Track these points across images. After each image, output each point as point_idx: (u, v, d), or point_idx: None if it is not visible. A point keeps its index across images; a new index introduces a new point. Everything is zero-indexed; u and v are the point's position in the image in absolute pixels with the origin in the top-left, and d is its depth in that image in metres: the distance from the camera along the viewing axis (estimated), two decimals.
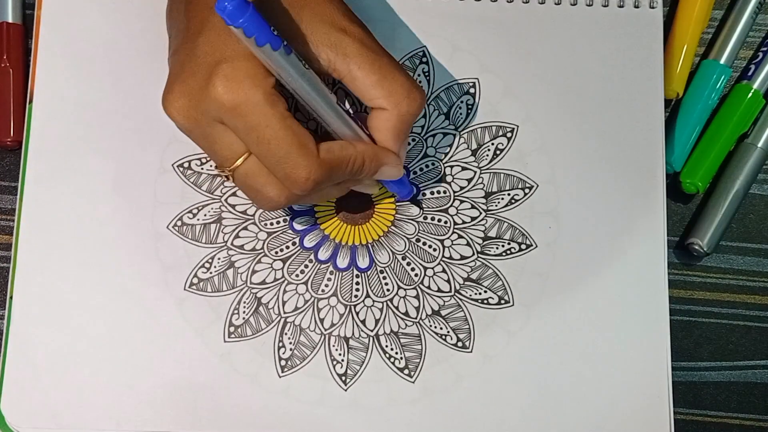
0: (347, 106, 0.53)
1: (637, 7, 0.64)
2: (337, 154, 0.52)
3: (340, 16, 0.52)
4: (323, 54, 0.52)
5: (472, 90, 0.62)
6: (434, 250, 0.61)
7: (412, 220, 0.61)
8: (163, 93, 0.52)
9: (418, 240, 0.61)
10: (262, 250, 0.60)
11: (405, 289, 0.60)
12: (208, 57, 0.50)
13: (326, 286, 0.60)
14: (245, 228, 0.61)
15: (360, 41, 0.52)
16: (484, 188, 0.61)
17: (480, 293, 0.60)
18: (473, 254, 0.61)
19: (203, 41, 0.51)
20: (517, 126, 0.62)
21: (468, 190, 0.61)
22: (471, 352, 0.59)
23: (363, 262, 0.60)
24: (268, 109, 0.49)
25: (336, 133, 0.53)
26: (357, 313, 0.60)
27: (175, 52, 0.53)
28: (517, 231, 0.61)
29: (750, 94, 0.64)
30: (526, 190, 0.61)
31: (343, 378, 0.59)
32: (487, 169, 0.62)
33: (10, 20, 0.64)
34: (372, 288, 0.60)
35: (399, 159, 0.55)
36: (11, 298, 0.60)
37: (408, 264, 0.60)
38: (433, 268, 0.60)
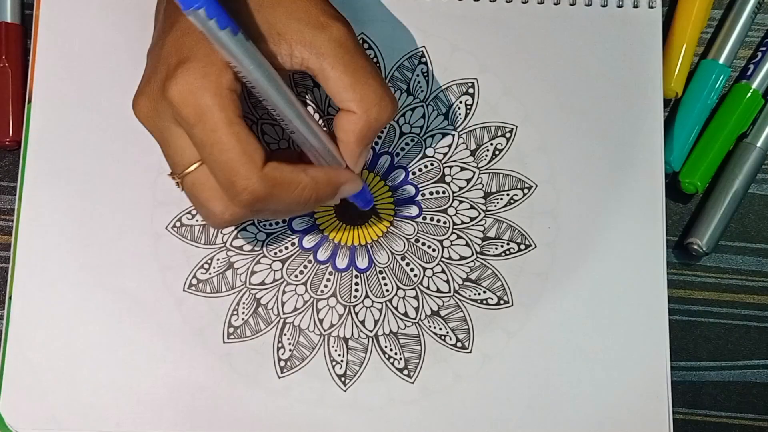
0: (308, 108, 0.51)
1: (636, 6, 0.64)
2: (285, 174, 0.50)
3: (318, 13, 0.51)
4: (296, 52, 0.50)
5: (471, 90, 0.62)
6: (433, 250, 0.61)
7: (411, 220, 0.61)
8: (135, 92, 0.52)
9: (417, 240, 0.61)
10: (261, 251, 0.60)
11: (404, 290, 0.60)
12: (170, 58, 0.50)
13: (325, 286, 0.60)
14: (244, 229, 0.61)
15: (336, 40, 0.51)
16: (483, 188, 0.61)
17: (479, 293, 0.60)
18: (472, 254, 0.61)
19: (169, 42, 0.50)
20: (516, 126, 0.62)
21: (467, 191, 0.61)
22: (470, 352, 0.59)
23: (362, 262, 0.60)
24: (216, 112, 0.48)
25: (291, 130, 0.51)
26: (356, 314, 0.60)
27: (148, 52, 0.53)
28: (517, 231, 0.61)
29: (749, 94, 0.64)
30: (525, 191, 0.61)
31: (343, 378, 0.59)
32: (486, 169, 0.62)
33: (8, 20, 0.64)
34: (371, 288, 0.60)
35: (355, 175, 0.53)
36: (10, 298, 0.60)
37: (407, 264, 0.60)
38: (432, 269, 0.60)
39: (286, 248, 0.61)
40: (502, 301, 0.60)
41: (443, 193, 0.61)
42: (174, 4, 0.52)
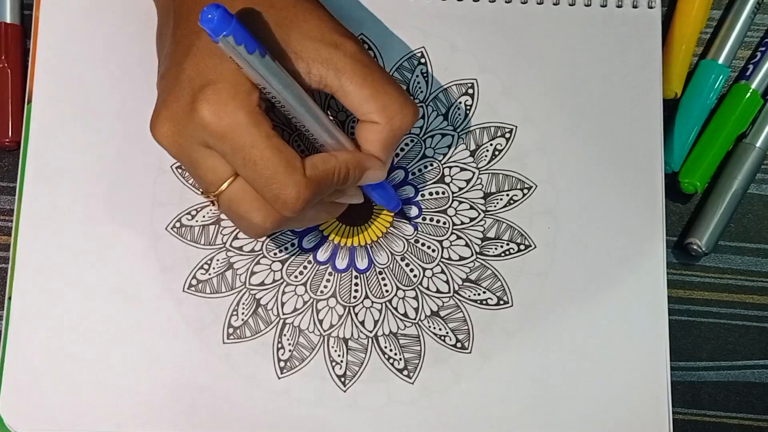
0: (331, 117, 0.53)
1: (635, 7, 0.64)
2: (321, 168, 0.51)
3: (330, 32, 0.52)
4: (314, 70, 0.51)
5: (470, 90, 0.62)
6: (433, 251, 0.61)
7: (410, 221, 0.61)
8: (150, 119, 0.52)
9: (416, 241, 0.61)
10: (260, 252, 0.60)
11: (404, 290, 0.60)
12: (193, 81, 0.50)
13: (325, 287, 0.60)
14: None
15: (351, 56, 0.52)
16: (483, 189, 0.61)
17: (479, 294, 0.60)
18: (472, 255, 0.61)
19: (188, 65, 0.51)
20: (516, 126, 0.62)
21: (467, 191, 0.61)
22: (470, 352, 0.59)
23: (362, 263, 0.60)
24: (253, 129, 0.49)
25: (321, 143, 0.53)
26: (356, 314, 0.60)
27: (162, 77, 0.53)
28: (516, 231, 0.61)
29: (748, 94, 0.64)
30: (525, 191, 0.61)
31: (342, 379, 0.59)
32: (486, 169, 0.62)
33: (8, 20, 0.64)
34: (371, 289, 0.60)
35: (379, 162, 0.54)
36: (10, 298, 0.60)
37: (407, 265, 0.60)
38: (432, 269, 0.61)
39: (286, 249, 0.61)
40: (501, 302, 0.60)
41: (443, 193, 0.61)
42: (186, 29, 0.52)
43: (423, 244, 0.61)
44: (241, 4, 0.51)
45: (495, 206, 0.61)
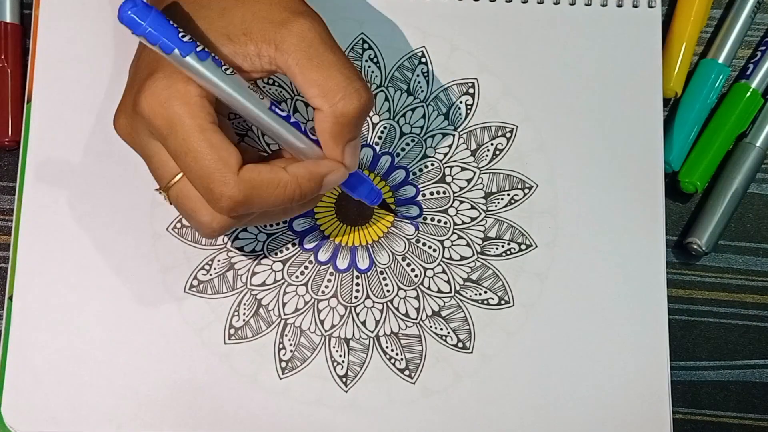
0: (286, 111, 0.51)
1: (635, 6, 0.64)
2: (263, 175, 0.49)
3: (280, 10, 0.49)
4: (264, 51, 0.49)
5: (471, 90, 0.62)
6: (434, 250, 0.61)
7: (411, 221, 0.61)
8: None
9: (417, 241, 0.61)
10: (261, 252, 0.60)
11: (405, 290, 0.60)
12: (140, 73, 0.50)
13: (326, 287, 0.60)
14: (245, 230, 0.60)
15: (298, 34, 0.49)
16: (484, 188, 0.61)
17: (480, 294, 0.60)
18: (473, 255, 0.61)
19: (142, 57, 0.51)
20: (516, 126, 0.62)
21: (467, 191, 0.61)
22: (471, 352, 0.59)
23: (363, 263, 0.60)
24: (187, 120, 0.48)
25: (277, 141, 0.51)
26: (357, 315, 0.60)
27: (129, 70, 0.53)
28: (517, 231, 0.61)
29: (748, 93, 0.64)
30: (526, 190, 0.61)
31: (344, 379, 0.59)
32: (487, 169, 0.62)
33: (8, 20, 0.64)
34: (372, 289, 0.60)
35: (337, 164, 0.51)
36: (10, 298, 0.59)
37: (408, 265, 0.60)
38: (433, 269, 0.61)
39: (287, 249, 0.61)
40: (503, 302, 0.60)
41: (444, 193, 0.61)
42: None
43: (424, 244, 0.61)
44: None
45: (496, 206, 0.61)
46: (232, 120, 0.56)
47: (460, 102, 0.62)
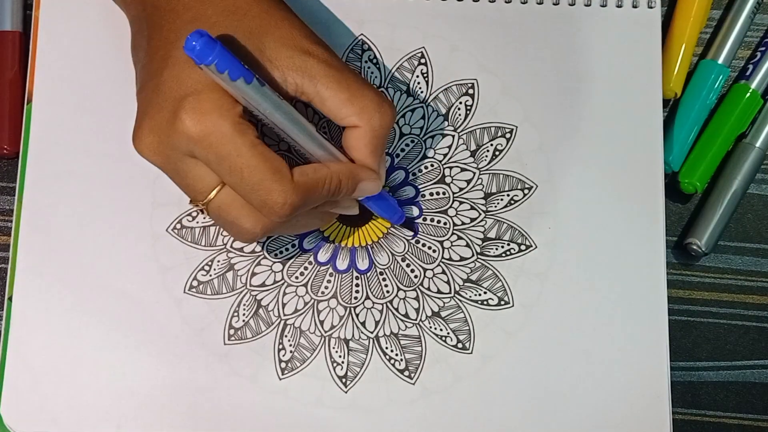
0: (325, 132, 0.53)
1: (635, 6, 0.64)
2: (311, 176, 0.51)
3: (303, 39, 0.52)
4: (290, 78, 0.51)
5: (470, 91, 0.62)
6: (434, 251, 0.61)
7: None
8: (133, 131, 0.52)
9: (417, 241, 0.61)
10: (261, 253, 0.60)
11: (405, 291, 0.60)
12: (174, 92, 0.50)
13: (326, 288, 0.60)
14: None
15: (325, 62, 0.52)
16: (484, 189, 0.61)
17: (480, 294, 0.60)
18: (473, 255, 0.61)
19: (168, 76, 0.51)
20: (516, 126, 0.62)
21: (467, 191, 0.61)
22: (471, 353, 0.59)
23: (362, 263, 0.60)
24: (238, 138, 0.49)
25: (315, 158, 0.53)
26: (357, 315, 0.60)
27: (141, 89, 0.53)
28: (517, 232, 0.61)
29: (748, 94, 0.64)
30: (526, 191, 0.61)
31: (344, 380, 0.59)
32: (486, 169, 0.62)
33: (21, 30, 0.64)
34: (372, 290, 0.60)
35: (376, 174, 0.54)
36: (9, 299, 0.59)
37: (408, 265, 0.60)
38: (432, 270, 0.61)
39: (287, 250, 0.61)
40: (502, 302, 0.60)
41: (443, 194, 0.61)
42: (160, 40, 0.52)
43: (424, 245, 0.61)
44: (214, 13, 0.51)
45: (496, 206, 0.61)
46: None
47: (460, 102, 0.62)
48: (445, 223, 0.61)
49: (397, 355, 0.59)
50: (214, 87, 0.49)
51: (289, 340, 0.59)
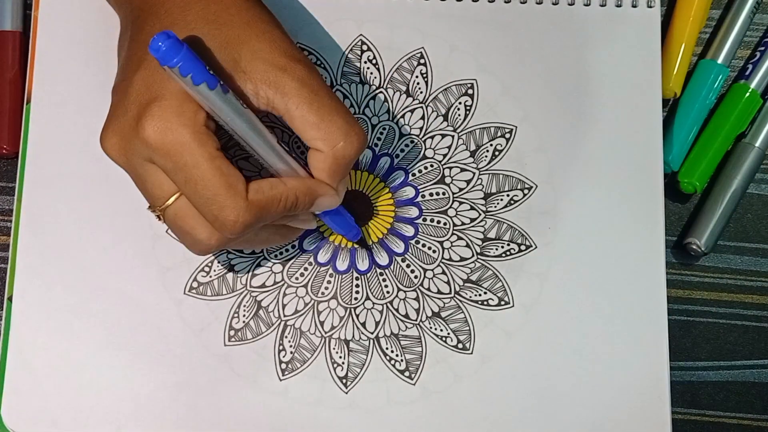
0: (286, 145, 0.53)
1: (634, 6, 0.64)
2: (267, 193, 0.51)
3: (281, 54, 0.51)
4: (262, 92, 0.51)
5: (470, 91, 0.62)
6: (434, 251, 0.61)
7: (411, 222, 0.61)
8: (102, 129, 0.52)
9: (417, 242, 0.61)
10: (261, 254, 0.60)
11: (405, 291, 0.60)
12: (140, 96, 0.50)
13: (326, 288, 0.60)
14: None
15: (299, 80, 0.51)
16: (483, 189, 0.61)
17: (480, 294, 0.60)
18: (473, 255, 0.61)
19: (138, 79, 0.50)
20: (516, 127, 0.62)
21: (467, 192, 0.61)
22: (471, 353, 0.59)
23: (362, 264, 0.61)
24: (196, 149, 0.49)
25: (273, 170, 0.53)
26: (357, 316, 0.60)
27: (114, 89, 0.53)
28: (517, 232, 0.61)
29: (747, 94, 0.64)
30: (525, 191, 0.61)
31: (344, 380, 0.59)
32: (486, 170, 0.62)
33: (21, 29, 0.64)
34: (372, 290, 0.60)
35: (332, 190, 0.53)
36: (9, 299, 0.59)
37: (408, 266, 0.61)
38: (432, 270, 0.61)
39: (287, 250, 0.61)
40: (503, 302, 0.60)
41: (443, 194, 0.61)
42: (139, 41, 0.52)
43: (423, 245, 0.61)
44: (194, 20, 0.51)
45: (495, 207, 0.61)
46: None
47: (459, 103, 0.62)
48: (444, 224, 0.61)
49: (397, 355, 0.59)
50: (180, 94, 0.49)
51: (289, 341, 0.59)
